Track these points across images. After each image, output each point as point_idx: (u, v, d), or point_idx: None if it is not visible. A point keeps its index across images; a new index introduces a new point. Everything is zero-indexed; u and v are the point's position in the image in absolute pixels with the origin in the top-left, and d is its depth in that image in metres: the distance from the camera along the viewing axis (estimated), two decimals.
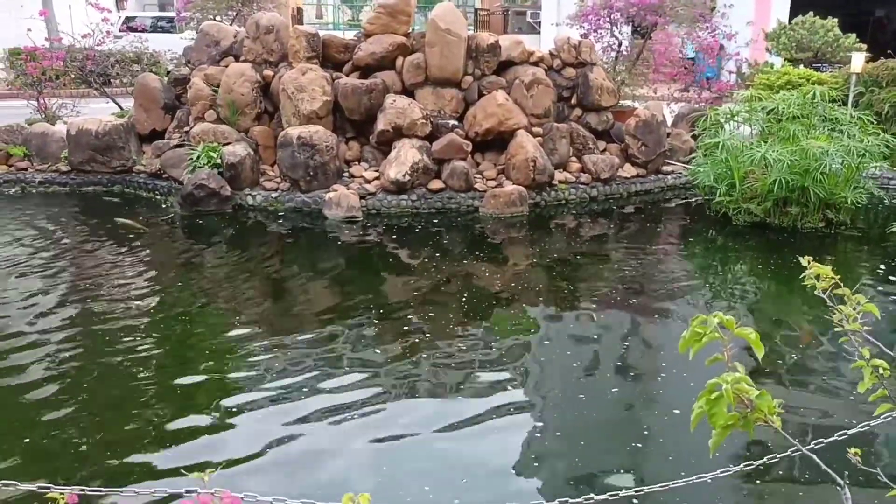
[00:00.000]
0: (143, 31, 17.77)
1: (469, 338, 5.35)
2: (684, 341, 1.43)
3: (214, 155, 8.90)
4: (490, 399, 4.44)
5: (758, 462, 2.30)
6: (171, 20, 21.62)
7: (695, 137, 10.12)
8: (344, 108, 9.32)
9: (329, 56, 9.79)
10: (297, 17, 31.25)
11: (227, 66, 9.77)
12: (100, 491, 2.88)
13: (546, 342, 5.47)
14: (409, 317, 5.71)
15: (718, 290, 6.74)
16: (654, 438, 4.04)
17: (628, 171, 9.96)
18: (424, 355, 5.01)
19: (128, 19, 21.95)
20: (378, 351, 5.12)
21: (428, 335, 5.35)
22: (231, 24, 13.05)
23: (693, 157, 9.41)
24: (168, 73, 11.18)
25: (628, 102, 11.51)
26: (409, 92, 9.54)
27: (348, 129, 9.60)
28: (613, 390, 4.65)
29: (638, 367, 5.01)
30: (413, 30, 10.09)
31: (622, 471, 3.74)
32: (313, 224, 8.37)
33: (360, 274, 7.05)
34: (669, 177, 10.14)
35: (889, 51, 13.27)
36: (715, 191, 8.32)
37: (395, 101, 9.19)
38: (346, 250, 7.72)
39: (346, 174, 9.20)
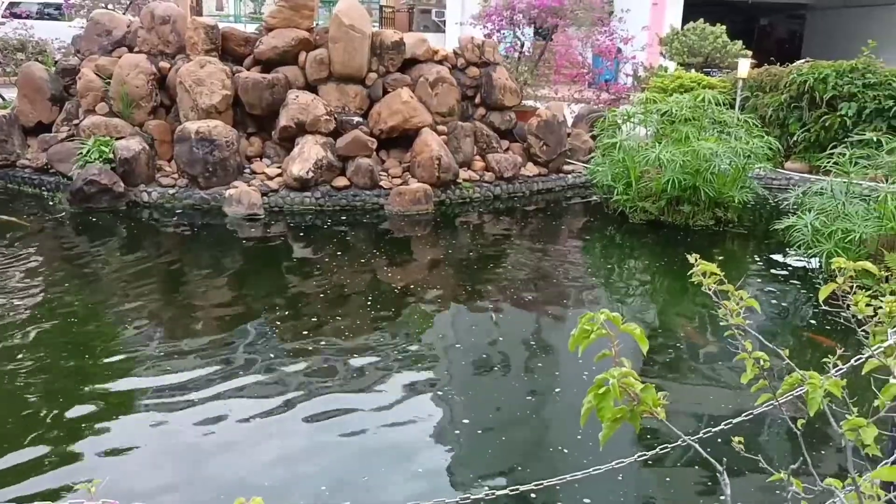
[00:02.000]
0: (29, 17, 16.82)
1: (373, 336, 5.33)
2: (573, 339, 1.46)
3: (107, 149, 8.51)
4: (392, 397, 4.44)
5: (651, 452, 2.38)
6: (58, 7, 20.48)
7: (594, 138, 10.42)
8: (245, 102, 9.09)
9: (229, 49, 9.53)
10: (197, 8, 30.22)
11: (119, 57, 9.37)
12: None
13: (449, 340, 5.50)
14: (313, 316, 5.63)
15: (616, 287, 6.97)
16: (554, 432, 4.14)
17: (531, 169, 10.15)
18: (328, 354, 4.96)
19: (11, 5, 20.65)
20: (281, 351, 5.02)
21: (332, 334, 5.29)
22: (124, 14, 12.51)
23: (592, 157, 9.70)
24: (56, 62, 10.61)
25: (530, 102, 11.75)
26: (312, 88, 9.41)
27: (249, 124, 9.38)
28: (515, 387, 4.73)
29: (539, 363, 5.12)
30: (317, 24, 9.95)
31: (522, 466, 3.80)
32: (213, 222, 8.13)
33: (262, 273, 6.90)
34: (570, 176, 10.40)
35: (772, 58, 14.06)
36: (613, 190, 8.59)
37: (297, 96, 9.05)
38: (247, 248, 7.54)
39: (247, 170, 8.98)
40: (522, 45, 12.89)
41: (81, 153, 8.58)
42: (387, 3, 38.37)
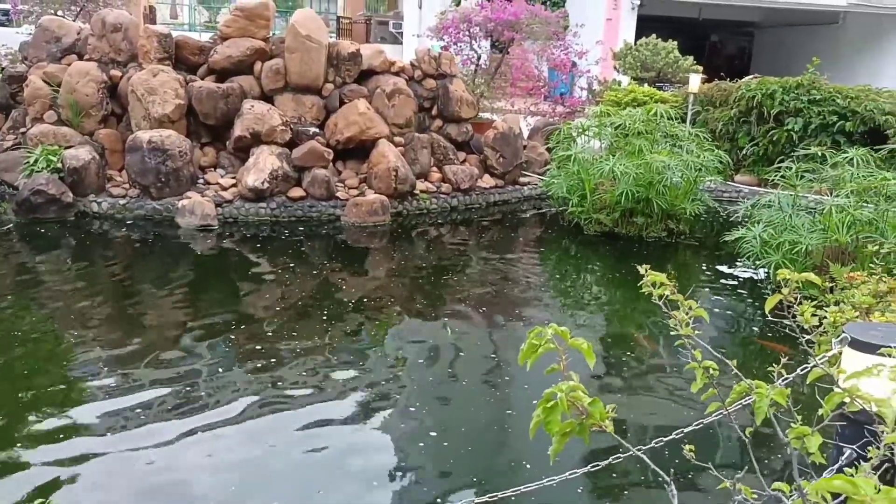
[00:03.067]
0: None
1: (329, 349, 5.28)
2: (522, 353, 1.47)
3: (55, 159, 8.31)
4: (350, 411, 4.40)
5: (604, 462, 2.39)
6: (6, 13, 19.99)
7: (549, 150, 10.52)
8: (199, 112, 8.98)
9: (183, 58, 9.41)
10: (150, 16, 29.78)
11: (69, 65, 9.17)
12: None
13: (406, 352, 5.48)
14: (269, 330, 5.56)
15: (572, 298, 7.03)
16: (514, 444, 4.14)
17: (487, 181, 10.21)
18: (284, 369, 4.89)
19: None
20: (235, 365, 4.94)
21: (288, 348, 5.23)
22: (74, 20, 12.26)
23: (547, 169, 9.79)
24: (2, 69, 10.33)
25: (487, 115, 11.82)
26: (268, 98, 9.34)
27: (203, 134, 9.26)
28: (474, 398, 4.73)
29: (497, 374, 5.13)
30: (273, 34, 9.89)
31: (482, 479, 3.80)
32: (165, 233, 7.98)
33: (216, 285, 6.80)
34: (526, 188, 10.49)
35: (722, 73, 14.41)
36: (568, 202, 8.69)
37: (253, 106, 8.96)
38: (200, 260, 7.42)
39: (200, 181, 8.86)
40: (479, 58, 12.96)
41: (28, 162, 8.36)
42: (344, 14, 38.33)
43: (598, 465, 2.14)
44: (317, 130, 9.29)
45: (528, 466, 3.85)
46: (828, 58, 17.24)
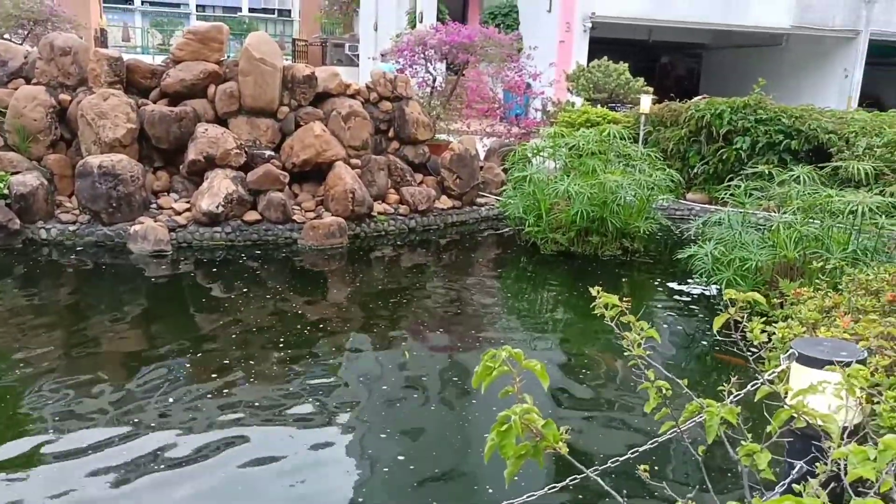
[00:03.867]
0: None
1: (286, 375, 5.22)
2: (477, 376, 1.47)
3: (1, 185, 8.11)
4: (307, 437, 4.34)
5: (562, 483, 2.40)
6: None
7: (505, 171, 10.61)
8: (151, 136, 8.86)
9: (134, 81, 9.29)
10: (101, 38, 29.41)
11: (16, 89, 8.98)
12: None
13: (364, 376, 5.44)
14: (224, 357, 5.46)
15: (529, 318, 7.06)
16: (469, 469, 4.13)
17: (444, 202, 10.25)
18: (239, 396, 4.81)
19: None
20: (189, 394, 4.84)
21: (243, 375, 5.15)
22: (22, 44, 12.03)
23: (504, 190, 9.87)
24: None
25: (444, 136, 11.89)
26: (222, 121, 9.26)
27: (156, 158, 9.13)
28: (432, 421, 4.70)
29: (455, 396, 5.11)
30: (227, 57, 9.83)
31: (440, 502, 3.78)
32: (117, 259, 7.83)
33: (170, 312, 6.67)
34: (483, 208, 10.55)
35: (672, 94, 14.73)
36: (524, 222, 8.76)
37: (207, 129, 8.88)
38: (154, 287, 7.28)
39: (153, 205, 8.72)
40: (435, 80, 13.06)
41: None
42: (300, 36, 38.31)
43: (555, 487, 2.14)
44: (272, 153, 9.24)
45: (489, 490, 3.84)
46: (773, 78, 17.78)
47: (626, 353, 2.19)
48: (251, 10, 56.94)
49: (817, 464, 1.80)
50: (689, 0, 20.29)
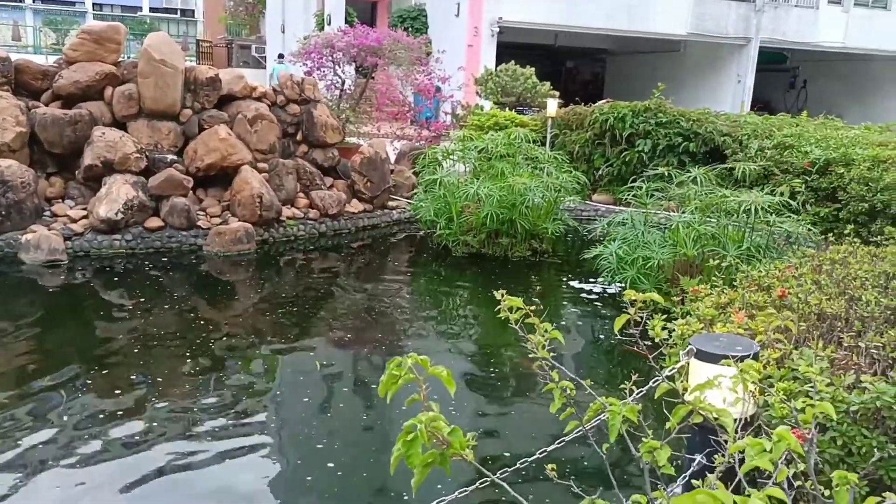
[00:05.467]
0: None
1: (193, 389, 5.05)
2: (382, 385, 1.46)
3: None
4: (213, 454, 4.20)
5: (471, 488, 2.41)
6: None
7: (416, 174, 10.63)
8: (43, 140, 8.42)
9: (24, 83, 8.82)
10: None
11: None
12: None
13: (275, 386, 5.33)
14: (128, 371, 5.24)
15: (441, 322, 7.08)
16: (384, 478, 4.10)
17: (355, 206, 10.17)
18: (144, 411, 4.62)
19: None
20: (89, 411, 4.61)
21: (148, 388, 4.95)
22: None
23: (415, 193, 9.88)
24: None
25: (354, 139, 11.80)
26: (120, 124, 8.90)
27: (49, 163, 8.69)
28: (346, 430, 4.65)
29: (366, 408, 5.07)
30: (127, 58, 9.45)
31: None
32: (7, 270, 7.40)
33: (67, 325, 6.35)
34: (395, 212, 10.53)
35: (577, 98, 15.11)
36: (436, 224, 8.79)
37: (104, 133, 8.51)
38: (49, 298, 6.92)
39: (47, 213, 8.28)
40: (343, 83, 12.95)
41: None
42: (204, 38, 37.30)
43: (465, 491, 2.14)
44: (175, 158, 8.94)
45: (405, 497, 3.82)
46: (672, 83, 18.50)
47: (530, 356, 2.22)
48: (152, 9, 55.02)
49: (716, 456, 1.87)
50: (593, 7, 20.88)
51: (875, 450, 2.18)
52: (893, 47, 23.41)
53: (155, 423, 4.47)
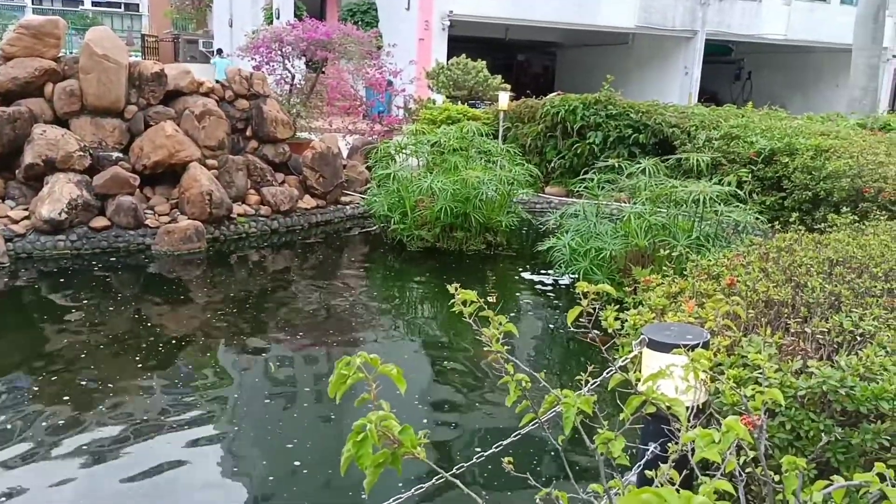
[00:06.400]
0: None
1: (144, 392, 4.93)
2: (332, 385, 1.43)
3: None
4: (168, 459, 4.11)
5: (427, 484, 2.39)
6: None
7: (369, 169, 10.55)
8: None
9: None
10: None
11: None
12: None
13: (229, 388, 5.24)
14: (76, 376, 5.08)
15: (397, 317, 7.05)
16: (341, 478, 4.06)
17: (308, 202, 10.06)
18: (94, 418, 4.49)
19: None
20: (37, 419, 4.46)
21: (97, 394, 4.81)
22: None
23: (368, 188, 9.81)
24: None
25: (305, 135, 11.66)
26: (62, 122, 8.64)
27: None
28: (302, 432, 4.59)
29: (324, 404, 5.01)
30: (68, 53, 9.17)
31: None
32: None
33: (9, 329, 6.14)
34: (348, 207, 10.44)
35: (529, 91, 15.18)
36: (390, 219, 8.74)
37: (45, 131, 8.25)
38: None
39: None
40: (293, 78, 12.77)
41: None
42: (150, 32, 36.51)
43: (422, 488, 2.13)
44: (120, 155, 8.72)
45: (363, 497, 3.79)
46: (621, 75, 18.70)
47: (485, 348, 2.20)
48: (95, 3, 53.64)
49: (669, 445, 1.89)
50: (543, 1, 20.99)
51: (822, 434, 2.23)
52: (834, 39, 24.08)
53: (105, 429, 4.35)
